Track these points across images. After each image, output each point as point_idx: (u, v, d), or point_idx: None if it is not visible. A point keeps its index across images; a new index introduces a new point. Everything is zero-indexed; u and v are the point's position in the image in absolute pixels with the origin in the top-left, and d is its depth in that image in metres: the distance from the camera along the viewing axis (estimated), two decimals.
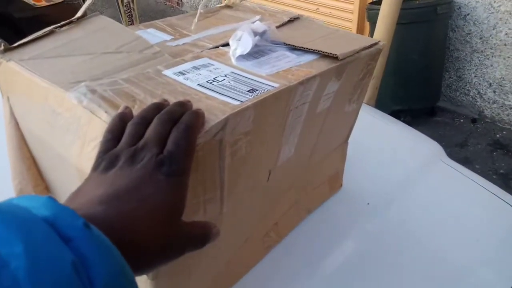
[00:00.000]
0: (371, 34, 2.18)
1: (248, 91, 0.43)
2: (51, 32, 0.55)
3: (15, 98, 0.51)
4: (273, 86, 0.44)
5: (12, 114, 0.51)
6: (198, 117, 0.37)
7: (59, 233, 0.23)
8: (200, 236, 0.35)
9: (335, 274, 0.65)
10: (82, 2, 2.83)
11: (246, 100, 0.41)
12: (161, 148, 0.34)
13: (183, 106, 0.38)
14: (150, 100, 0.41)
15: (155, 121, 0.36)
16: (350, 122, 0.70)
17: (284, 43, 0.54)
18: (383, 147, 0.94)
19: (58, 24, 0.56)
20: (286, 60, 0.51)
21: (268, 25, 0.52)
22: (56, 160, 0.47)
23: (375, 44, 0.57)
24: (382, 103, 2.24)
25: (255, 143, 0.46)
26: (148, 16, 4.87)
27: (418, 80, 2.39)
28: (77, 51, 0.51)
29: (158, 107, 0.38)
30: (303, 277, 0.63)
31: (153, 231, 0.30)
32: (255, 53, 0.51)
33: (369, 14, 2.39)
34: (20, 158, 0.52)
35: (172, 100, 0.41)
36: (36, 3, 2.57)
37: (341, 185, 0.79)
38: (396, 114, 2.38)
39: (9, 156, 0.55)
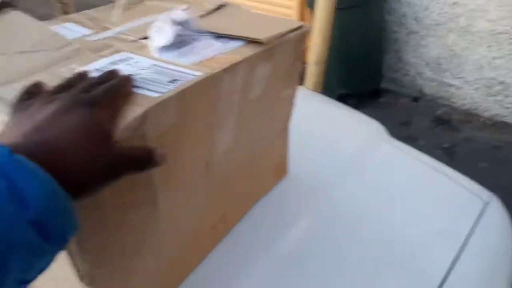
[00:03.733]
0: (312, 20, 2.21)
1: (169, 81, 0.41)
2: None
3: None
4: (196, 74, 0.43)
5: None
6: (127, 80, 0.38)
7: None
8: (138, 159, 0.35)
9: (284, 260, 0.65)
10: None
11: (167, 91, 0.40)
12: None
13: (111, 74, 0.39)
14: None
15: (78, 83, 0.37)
16: (287, 108, 0.70)
17: (209, 31, 0.52)
18: (326, 131, 0.95)
19: None
20: (211, 49, 0.49)
21: (189, 14, 0.50)
22: None
23: (300, 27, 0.57)
24: (329, 88, 2.28)
25: (184, 135, 0.44)
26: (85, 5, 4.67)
27: (361, 63, 2.45)
28: None
29: (82, 77, 0.39)
30: (253, 265, 0.63)
31: (78, 153, 0.30)
32: (178, 44, 0.49)
33: (308, 0, 2.41)
34: None
35: None
36: None
37: (286, 171, 0.79)
38: (343, 98, 2.42)
39: None
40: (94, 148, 0.31)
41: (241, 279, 0.61)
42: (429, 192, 0.82)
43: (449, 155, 2.10)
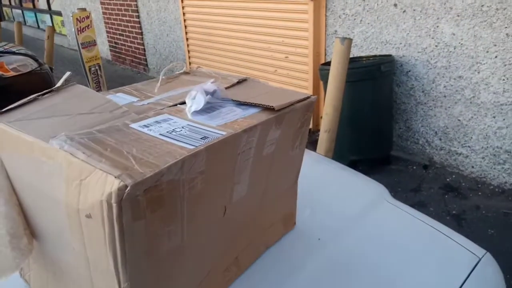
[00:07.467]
0: (325, 91, 2.38)
1: (201, 138, 0.53)
2: (34, 99, 0.65)
3: (5, 153, 0.59)
4: (222, 134, 0.55)
5: (2, 166, 0.59)
6: None
7: None
8: None
9: None
10: (49, 71, 2.93)
11: (200, 145, 0.52)
12: None
13: None
14: (120, 146, 0.50)
15: None
16: (296, 165, 0.81)
17: (232, 100, 0.65)
18: (332, 190, 1.05)
19: (40, 93, 0.66)
20: (233, 114, 0.62)
21: (218, 85, 0.64)
22: (45, 202, 0.55)
23: (308, 98, 0.70)
24: (341, 154, 2.40)
25: (209, 181, 0.55)
26: (116, 82, 5.02)
27: (371, 132, 2.58)
28: (57, 113, 0.61)
29: None
30: None
31: None
32: (207, 109, 0.62)
33: (321, 74, 2.61)
34: (11, 205, 0.59)
35: (138, 146, 0.50)
36: (5, 74, 2.66)
37: (295, 223, 0.89)
38: (354, 164, 2.54)
39: None
40: None
41: None
42: (424, 247, 0.89)
43: (458, 222, 2.14)
